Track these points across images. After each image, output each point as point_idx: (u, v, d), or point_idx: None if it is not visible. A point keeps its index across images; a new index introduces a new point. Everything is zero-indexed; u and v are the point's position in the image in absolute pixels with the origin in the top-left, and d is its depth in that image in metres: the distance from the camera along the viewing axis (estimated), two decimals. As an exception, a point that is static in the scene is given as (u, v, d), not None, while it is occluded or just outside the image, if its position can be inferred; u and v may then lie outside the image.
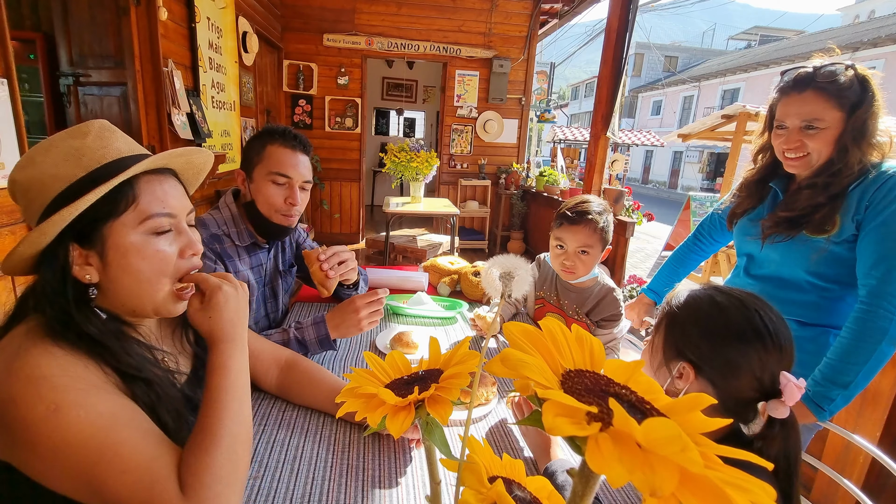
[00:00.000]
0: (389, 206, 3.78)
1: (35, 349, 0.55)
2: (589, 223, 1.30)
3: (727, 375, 0.68)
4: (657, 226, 9.39)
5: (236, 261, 1.24)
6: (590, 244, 1.32)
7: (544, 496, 0.41)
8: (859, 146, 0.99)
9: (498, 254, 0.41)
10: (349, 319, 1.17)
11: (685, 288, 0.80)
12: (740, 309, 0.69)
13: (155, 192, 0.65)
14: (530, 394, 0.27)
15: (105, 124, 0.66)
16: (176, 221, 0.67)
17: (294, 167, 1.23)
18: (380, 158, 4.38)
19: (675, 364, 0.73)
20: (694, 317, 0.72)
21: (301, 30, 5.11)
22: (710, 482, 0.21)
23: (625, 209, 3.52)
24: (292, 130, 1.25)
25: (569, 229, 1.32)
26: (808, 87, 1.02)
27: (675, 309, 0.75)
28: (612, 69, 2.95)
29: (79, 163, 0.61)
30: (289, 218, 1.25)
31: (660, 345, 0.76)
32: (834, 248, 1.04)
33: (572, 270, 1.36)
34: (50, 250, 0.59)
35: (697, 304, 0.73)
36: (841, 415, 1.56)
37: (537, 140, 12.01)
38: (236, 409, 0.63)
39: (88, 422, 0.52)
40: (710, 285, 0.75)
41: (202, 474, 0.55)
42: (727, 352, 0.68)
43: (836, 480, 0.96)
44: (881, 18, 17.07)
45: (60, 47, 2.47)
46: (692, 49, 28.77)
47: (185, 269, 0.68)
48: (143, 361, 0.64)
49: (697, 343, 0.71)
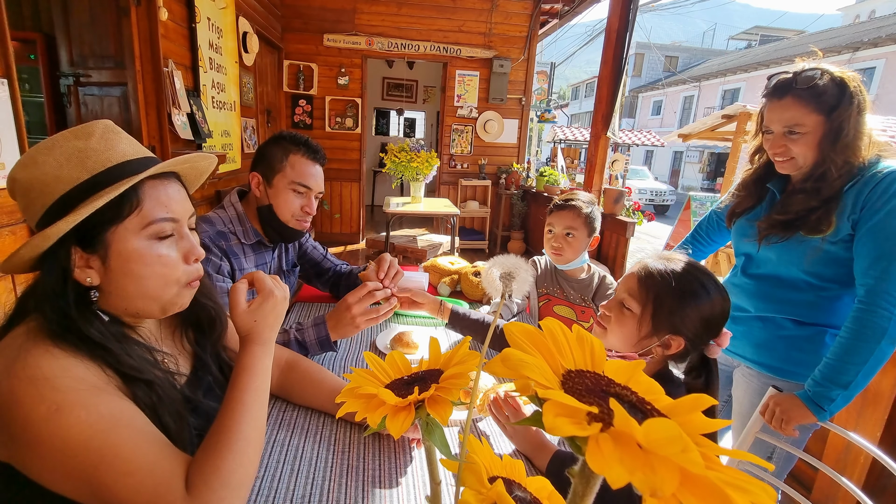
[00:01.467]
0: (390, 207, 3.78)
1: (36, 350, 0.54)
2: (573, 209, 1.50)
3: (704, 339, 0.83)
4: (657, 226, 9.39)
5: (241, 258, 1.25)
6: (574, 227, 1.50)
7: (544, 496, 0.41)
8: (837, 150, 1.00)
9: (498, 254, 0.41)
10: (343, 319, 1.15)
11: (655, 257, 0.87)
12: (719, 288, 0.83)
13: (159, 196, 0.64)
14: (531, 394, 0.27)
15: (110, 125, 0.65)
16: (178, 226, 0.66)
17: (315, 179, 1.28)
18: (380, 158, 4.38)
19: (664, 335, 0.83)
20: (694, 303, 0.82)
21: (301, 30, 5.11)
22: (710, 483, 0.21)
23: (625, 209, 3.52)
24: (313, 142, 1.29)
25: (557, 214, 1.53)
26: (787, 94, 1.04)
27: (670, 292, 0.82)
28: (612, 69, 2.95)
29: (83, 165, 0.60)
30: (303, 223, 1.31)
31: (648, 318, 0.84)
32: (830, 248, 1.04)
33: (560, 252, 1.53)
34: (51, 252, 0.58)
35: (693, 290, 0.82)
36: (841, 414, 1.56)
37: (538, 140, 12.00)
38: (256, 413, 0.63)
39: (90, 423, 0.52)
40: (686, 262, 0.85)
41: (210, 477, 0.55)
42: (712, 326, 0.82)
43: (837, 480, 0.96)
44: (881, 18, 17.06)
45: (61, 47, 2.47)
46: (692, 49, 28.76)
47: (193, 274, 0.68)
48: (144, 363, 0.64)
49: (695, 324, 0.82)
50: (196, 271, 0.68)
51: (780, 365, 1.14)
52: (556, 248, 1.52)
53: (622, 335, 0.87)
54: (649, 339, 0.85)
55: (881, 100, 13.07)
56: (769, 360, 1.16)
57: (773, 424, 1.05)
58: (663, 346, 0.84)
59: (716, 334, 0.83)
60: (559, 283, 1.60)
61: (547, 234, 1.56)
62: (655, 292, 0.83)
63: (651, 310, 0.84)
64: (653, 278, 0.84)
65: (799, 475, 1.79)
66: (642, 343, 0.86)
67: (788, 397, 1.04)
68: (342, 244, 5.70)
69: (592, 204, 1.53)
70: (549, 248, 1.55)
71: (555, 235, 1.52)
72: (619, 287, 0.91)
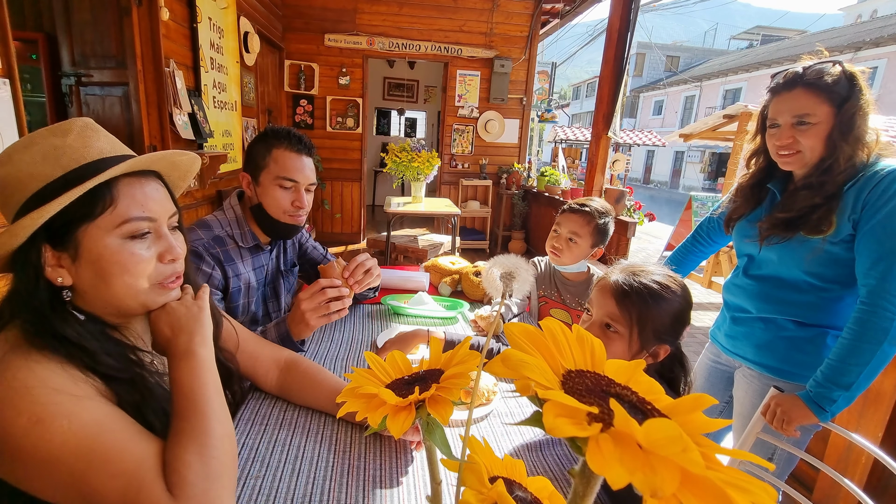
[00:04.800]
0: (390, 206, 3.78)
1: (15, 361, 0.54)
2: (584, 214, 1.45)
3: (680, 334, 0.88)
4: (658, 226, 9.37)
5: (238, 263, 1.24)
6: (579, 233, 1.45)
7: (545, 496, 0.41)
8: (848, 141, 1.00)
9: (499, 254, 0.41)
10: (296, 316, 1.11)
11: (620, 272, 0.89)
12: (678, 282, 0.88)
13: (135, 195, 0.62)
14: (531, 394, 0.27)
15: (88, 123, 0.63)
16: (155, 225, 0.65)
17: (300, 171, 1.23)
18: (381, 158, 4.38)
19: (651, 347, 0.86)
20: (667, 308, 0.85)
21: (302, 30, 5.11)
22: (711, 483, 0.21)
23: (626, 209, 3.52)
24: (296, 133, 1.24)
25: (566, 216, 1.50)
26: (797, 85, 1.03)
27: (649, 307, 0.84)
28: (613, 69, 2.95)
29: (57, 162, 0.59)
30: (296, 218, 1.27)
31: (636, 337, 0.85)
32: (830, 249, 1.04)
33: (557, 253, 1.50)
34: (22, 251, 0.57)
35: (663, 296, 0.85)
36: (843, 415, 1.55)
37: (538, 140, 11.99)
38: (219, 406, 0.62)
39: (72, 432, 0.51)
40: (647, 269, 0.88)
41: (187, 473, 0.54)
42: (685, 320, 0.87)
43: (838, 481, 0.95)
44: (883, 18, 17.03)
45: (62, 47, 2.48)
46: (694, 49, 28.73)
47: (166, 273, 0.66)
48: (126, 362, 0.63)
49: (673, 327, 0.86)
50: (171, 270, 0.67)
51: (781, 366, 1.14)
52: (555, 249, 1.51)
53: (612, 356, 0.87)
54: (639, 354, 0.86)
55: (883, 99, 13.05)
56: (770, 361, 1.16)
57: (775, 425, 1.05)
58: (652, 356, 0.86)
59: (687, 324, 0.87)
60: (556, 285, 1.59)
61: (552, 233, 1.54)
62: (637, 312, 0.84)
63: (637, 329, 0.85)
64: (629, 297, 0.84)
65: (800, 476, 1.79)
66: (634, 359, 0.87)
67: (790, 398, 1.03)
68: (343, 244, 5.70)
69: (607, 215, 1.48)
70: (550, 246, 1.54)
71: (559, 236, 1.51)
72: (595, 309, 0.90)
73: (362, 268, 1.22)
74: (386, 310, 1.57)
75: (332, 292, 1.12)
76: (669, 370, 0.90)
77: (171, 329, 0.66)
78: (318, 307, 1.10)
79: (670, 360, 0.89)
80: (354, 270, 1.20)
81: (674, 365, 0.90)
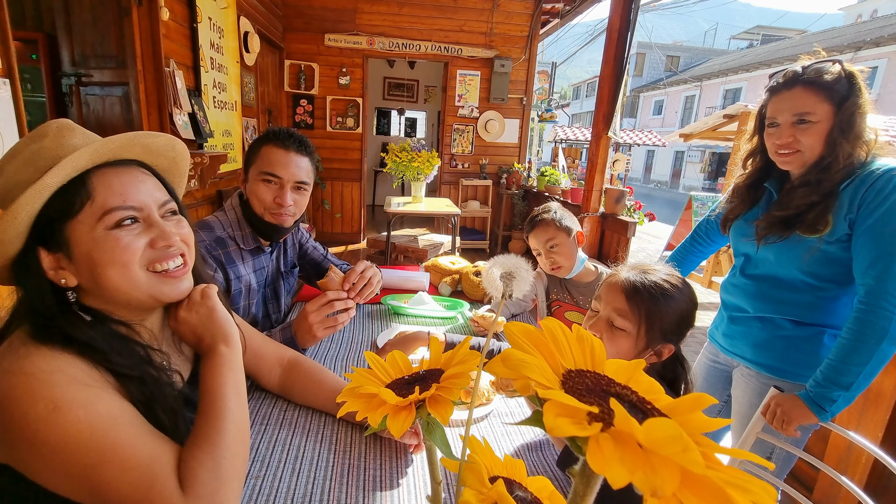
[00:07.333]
0: (391, 206, 3.78)
1: (32, 351, 0.54)
2: (541, 223, 1.50)
3: (684, 335, 0.88)
4: (659, 226, 9.37)
5: (238, 265, 1.23)
6: (551, 237, 1.49)
7: (545, 496, 0.41)
8: (848, 139, 1.00)
9: (499, 254, 0.41)
10: (302, 327, 1.12)
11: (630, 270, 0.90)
12: (684, 282, 0.89)
13: (111, 185, 0.61)
14: (531, 394, 0.27)
15: (64, 123, 0.63)
16: (143, 214, 0.64)
17: (284, 167, 1.20)
18: (381, 158, 4.38)
19: (657, 346, 0.86)
20: (675, 308, 0.86)
21: (302, 30, 5.11)
22: (711, 482, 0.21)
23: (626, 209, 3.51)
24: (290, 131, 1.23)
25: (532, 236, 1.54)
26: (797, 84, 1.04)
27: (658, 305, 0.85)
28: (613, 69, 2.95)
29: (35, 166, 0.59)
30: (279, 217, 1.23)
31: (643, 335, 0.86)
32: (827, 248, 1.04)
33: (557, 266, 1.51)
34: (19, 260, 0.58)
35: (672, 295, 0.86)
36: (843, 415, 1.55)
37: (539, 140, 11.98)
38: (235, 407, 0.63)
39: (88, 421, 0.52)
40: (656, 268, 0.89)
41: (199, 471, 0.55)
42: (691, 321, 0.88)
43: (838, 481, 0.95)
44: (883, 18, 17.03)
45: (62, 47, 2.47)
46: (694, 48, 28.73)
47: (158, 257, 0.65)
48: (136, 360, 0.63)
49: (679, 327, 0.86)
50: (163, 255, 0.65)
51: (779, 365, 1.14)
52: (552, 264, 1.51)
53: (617, 354, 0.87)
54: (644, 352, 0.86)
55: (883, 99, 13.05)
56: (768, 361, 1.16)
57: (775, 425, 1.05)
58: (657, 354, 0.86)
59: (691, 325, 0.88)
60: (568, 289, 1.60)
61: (537, 257, 1.56)
62: (646, 308, 0.84)
63: (645, 327, 0.85)
64: (640, 294, 0.84)
65: (800, 475, 1.79)
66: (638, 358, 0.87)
67: (790, 398, 1.03)
68: (343, 244, 5.70)
69: (555, 210, 1.52)
70: (546, 268, 1.55)
71: (542, 254, 1.52)
72: (602, 305, 0.90)
73: (363, 280, 1.22)
74: (386, 310, 1.57)
75: (339, 304, 1.14)
76: (671, 370, 0.91)
77: (193, 336, 0.70)
78: (325, 319, 1.12)
79: (671, 360, 0.89)
80: (355, 285, 1.20)
81: (675, 365, 0.91)
